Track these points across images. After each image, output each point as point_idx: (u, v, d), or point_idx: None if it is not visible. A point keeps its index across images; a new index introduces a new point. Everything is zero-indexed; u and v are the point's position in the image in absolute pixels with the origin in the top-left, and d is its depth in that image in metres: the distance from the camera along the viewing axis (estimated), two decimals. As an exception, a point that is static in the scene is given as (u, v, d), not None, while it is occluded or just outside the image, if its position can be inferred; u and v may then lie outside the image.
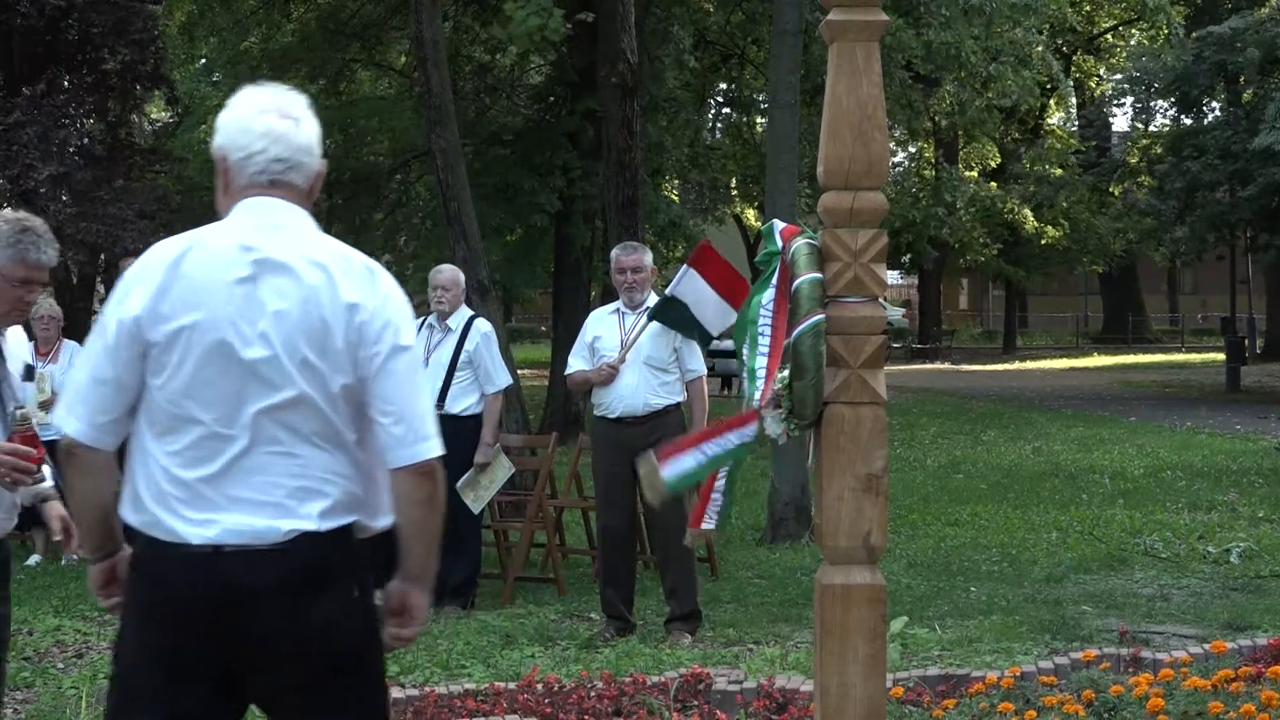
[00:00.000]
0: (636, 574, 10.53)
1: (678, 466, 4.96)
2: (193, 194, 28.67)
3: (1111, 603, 10.88)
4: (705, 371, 10.46)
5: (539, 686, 7.89)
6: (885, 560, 4.78)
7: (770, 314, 4.88)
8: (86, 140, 24.93)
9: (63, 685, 8.86)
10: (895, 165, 50.27)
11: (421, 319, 11.58)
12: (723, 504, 5.01)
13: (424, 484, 4.17)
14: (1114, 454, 21.41)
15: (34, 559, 13.18)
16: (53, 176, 23.02)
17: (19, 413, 5.72)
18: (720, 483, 4.97)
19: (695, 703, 7.57)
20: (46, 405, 13.13)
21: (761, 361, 4.91)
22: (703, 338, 10.22)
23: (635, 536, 10.55)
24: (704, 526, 5.03)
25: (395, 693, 8.03)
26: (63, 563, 13.08)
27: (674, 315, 10.11)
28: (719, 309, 10.10)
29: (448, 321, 11.29)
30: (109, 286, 30.25)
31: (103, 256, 26.58)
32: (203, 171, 30.89)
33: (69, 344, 13.60)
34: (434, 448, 4.17)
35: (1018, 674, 7.45)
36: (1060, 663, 8.01)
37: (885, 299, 4.77)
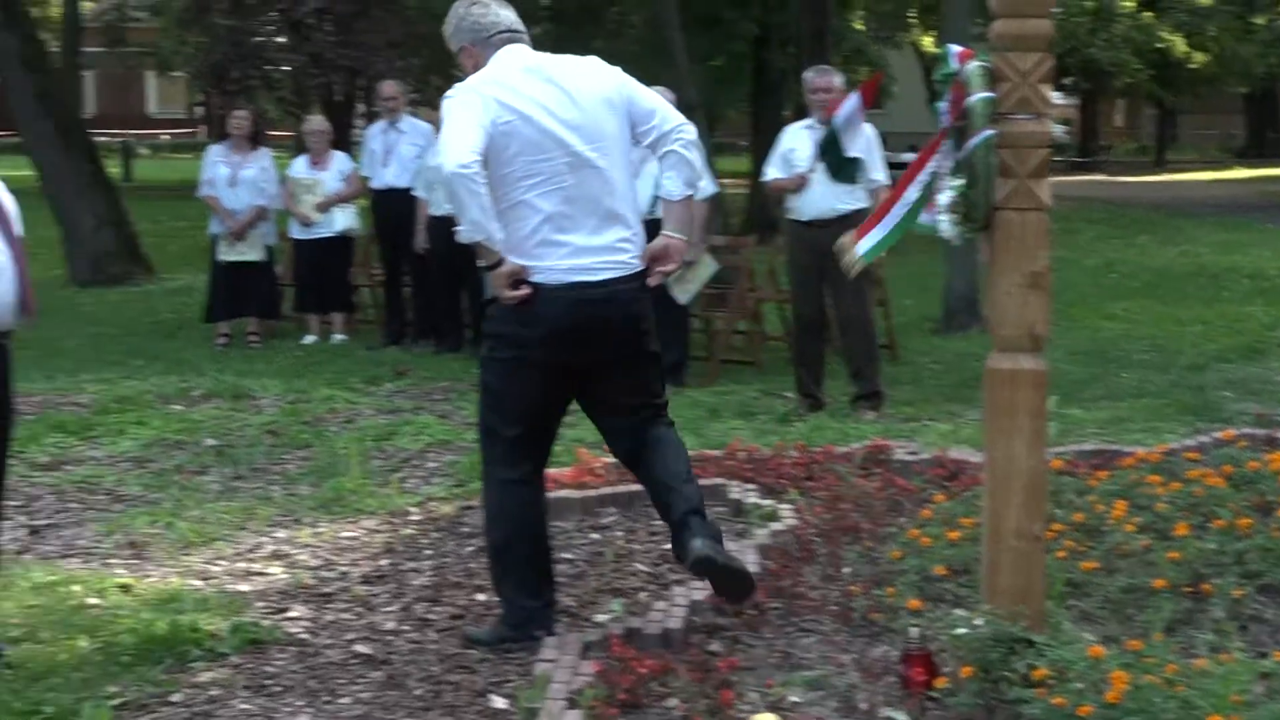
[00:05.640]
0: (826, 358, 10.50)
1: (869, 239, 4.97)
2: (435, 22, 28.71)
3: (1248, 389, 10.68)
4: (888, 182, 10.34)
5: (741, 454, 7.96)
6: (1046, 349, 4.74)
7: (945, 113, 4.82)
8: (347, -24, 25.07)
9: (335, 445, 9.11)
10: (1061, -6, 48.72)
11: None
12: (881, 239, 5.01)
13: None
14: (1253, 256, 20.88)
15: (309, 338, 13.49)
16: (318, 9, 23.28)
17: None
18: (892, 219, 4.96)
19: (877, 470, 7.59)
20: (322, 207, 13.40)
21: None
22: (841, 170, 9.96)
23: (825, 325, 10.50)
24: (859, 248, 5.03)
25: (617, 458, 8.16)
26: (331, 341, 13.39)
27: (833, 153, 9.91)
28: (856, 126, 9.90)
29: (661, 137, 11.22)
30: (368, 104, 30.61)
31: (359, 78, 26.80)
32: (445, 2, 30.91)
33: (337, 154, 13.79)
34: None
35: (1165, 450, 7.37)
36: (1203, 441, 7.90)
37: (1050, 116, 4.69)
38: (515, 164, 5.25)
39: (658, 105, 5.55)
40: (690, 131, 5.57)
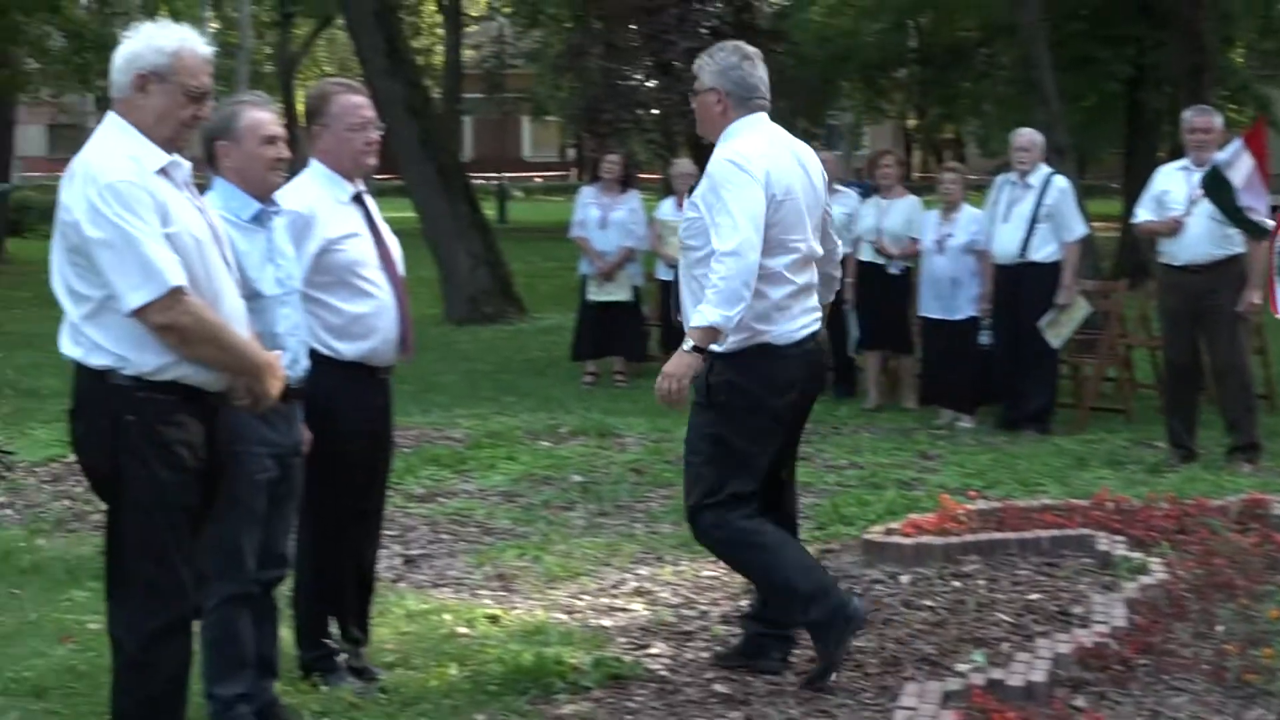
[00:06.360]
0: (1199, 407, 10.17)
1: None
2: (803, 67, 28.86)
3: None
4: (1271, 225, 9.97)
5: (1109, 504, 7.76)
6: None
7: None
8: (717, 21, 25.45)
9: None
10: None
11: (1001, 176, 11.52)
12: None
13: None
14: None
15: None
16: (688, 50, 23.69)
17: None
18: None
19: (1254, 525, 7.31)
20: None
21: None
22: (1244, 224, 9.62)
23: (1198, 373, 10.16)
24: None
25: (980, 504, 8.04)
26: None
27: (1221, 194, 9.58)
28: (1257, 188, 9.56)
29: (1028, 179, 11.11)
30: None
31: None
32: (817, 49, 31.07)
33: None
34: None
35: None
36: None
37: None
38: (774, 238, 5.58)
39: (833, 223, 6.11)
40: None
